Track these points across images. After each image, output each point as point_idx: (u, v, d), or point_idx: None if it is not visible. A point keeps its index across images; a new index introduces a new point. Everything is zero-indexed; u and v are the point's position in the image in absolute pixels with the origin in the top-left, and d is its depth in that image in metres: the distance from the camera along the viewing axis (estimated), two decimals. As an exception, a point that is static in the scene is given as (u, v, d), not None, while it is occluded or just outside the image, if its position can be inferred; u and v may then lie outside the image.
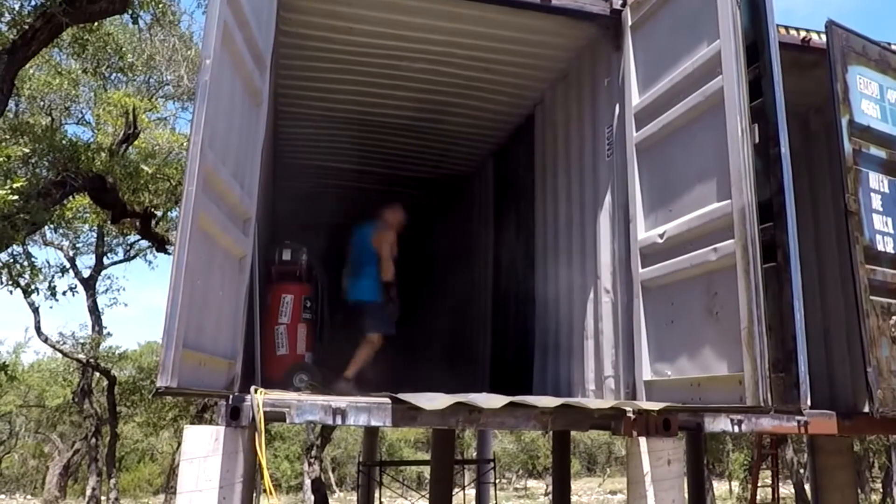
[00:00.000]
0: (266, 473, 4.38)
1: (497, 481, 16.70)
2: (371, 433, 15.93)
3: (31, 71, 12.22)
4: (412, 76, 7.63)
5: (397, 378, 8.46)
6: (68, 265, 17.30)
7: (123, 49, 12.37)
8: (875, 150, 6.11)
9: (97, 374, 19.51)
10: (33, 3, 7.99)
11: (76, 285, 17.38)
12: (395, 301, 7.45)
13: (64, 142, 9.78)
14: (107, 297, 27.89)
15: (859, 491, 20.70)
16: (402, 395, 4.52)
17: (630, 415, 4.92)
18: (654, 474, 4.95)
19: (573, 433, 17.51)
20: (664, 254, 5.32)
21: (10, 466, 29.46)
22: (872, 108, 6.16)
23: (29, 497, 29.29)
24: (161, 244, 14.39)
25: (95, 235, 18.20)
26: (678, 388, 5.06)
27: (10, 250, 9.73)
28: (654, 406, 4.87)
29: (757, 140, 4.61)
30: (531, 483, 36.14)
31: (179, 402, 19.66)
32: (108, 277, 22.47)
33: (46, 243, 17.61)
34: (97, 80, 13.79)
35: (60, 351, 19.07)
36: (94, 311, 19.22)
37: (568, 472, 12.40)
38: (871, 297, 5.73)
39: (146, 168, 11.00)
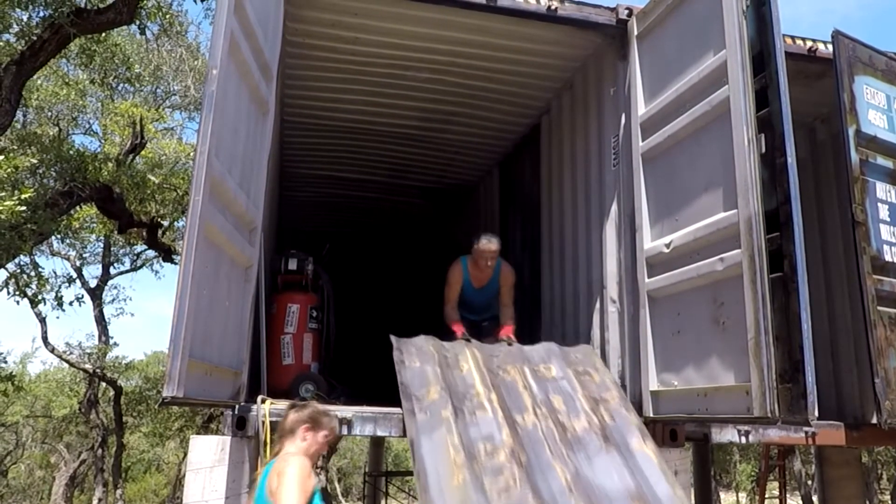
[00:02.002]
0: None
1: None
2: (377, 443, 15.89)
3: (39, 81, 12.28)
4: (417, 86, 7.65)
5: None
6: (75, 275, 17.36)
7: (131, 59, 12.43)
8: (882, 160, 6.10)
9: (103, 384, 19.52)
10: (41, 14, 8.04)
11: (83, 295, 17.54)
12: None
13: (71, 152, 9.83)
14: (113, 307, 27.95)
15: (867, 502, 20.57)
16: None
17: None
18: (661, 485, 4.92)
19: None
20: (670, 263, 5.30)
21: (16, 477, 29.43)
22: (879, 118, 6.15)
23: (35, 507, 29.30)
24: (168, 254, 14.43)
25: (102, 245, 18.26)
26: (685, 398, 5.04)
27: (17, 260, 9.78)
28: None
29: (763, 150, 4.60)
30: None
31: (185, 412, 19.66)
32: (115, 287, 22.50)
33: (53, 253, 17.67)
34: (104, 90, 13.87)
35: (67, 361, 19.08)
36: (101, 321, 19.25)
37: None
38: (879, 308, 5.71)
39: (153, 178, 11.04)
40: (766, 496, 11.61)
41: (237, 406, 4.53)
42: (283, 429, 3.75)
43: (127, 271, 19.74)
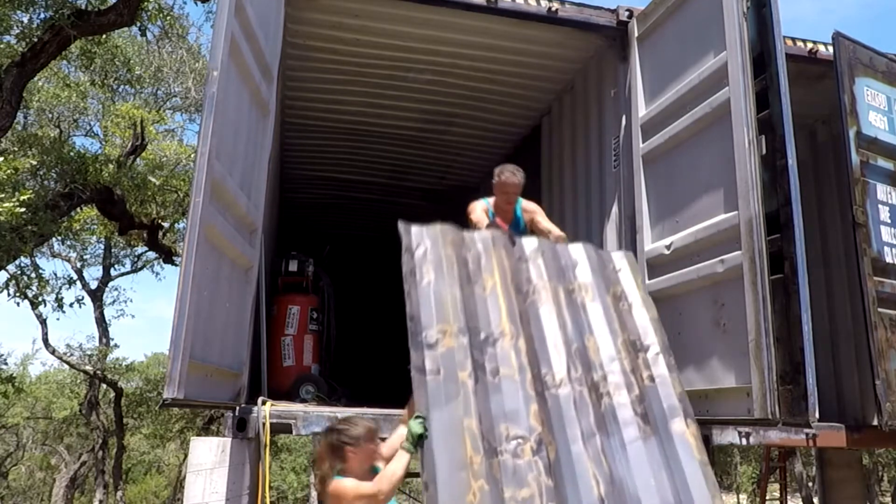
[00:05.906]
0: (267, 487, 4.36)
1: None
2: (377, 445, 15.83)
3: (40, 83, 12.28)
4: (418, 87, 7.65)
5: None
6: (76, 277, 17.31)
7: (131, 61, 12.43)
8: (883, 162, 6.10)
9: (104, 385, 19.49)
10: (42, 16, 8.05)
11: (83, 297, 17.51)
12: None
13: (72, 154, 9.83)
14: (114, 309, 27.90)
15: (869, 504, 20.53)
16: None
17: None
18: (662, 487, 4.91)
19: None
20: (671, 265, 5.30)
21: (17, 478, 29.39)
22: (880, 120, 6.14)
23: (35, 509, 29.27)
24: (168, 255, 14.42)
25: (103, 247, 18.24)
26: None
27: (17, 262, 9.77)
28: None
29: (764, 151, 4.61)
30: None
31: (186, 414, 19.63)
32: (116, 289, 22.50)
33: (54, 255, 17.63)
34: (105, 92, 13.85)
35: (67, 363, 19.06)
36: (102, 323, 19.23)
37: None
38: (879, 310, 5.70)
39: (154, 180, 11.04)
40: (767, 498, 11.57)
41: (238, 408, 4.52)
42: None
43: (127, 273, 19.73)
